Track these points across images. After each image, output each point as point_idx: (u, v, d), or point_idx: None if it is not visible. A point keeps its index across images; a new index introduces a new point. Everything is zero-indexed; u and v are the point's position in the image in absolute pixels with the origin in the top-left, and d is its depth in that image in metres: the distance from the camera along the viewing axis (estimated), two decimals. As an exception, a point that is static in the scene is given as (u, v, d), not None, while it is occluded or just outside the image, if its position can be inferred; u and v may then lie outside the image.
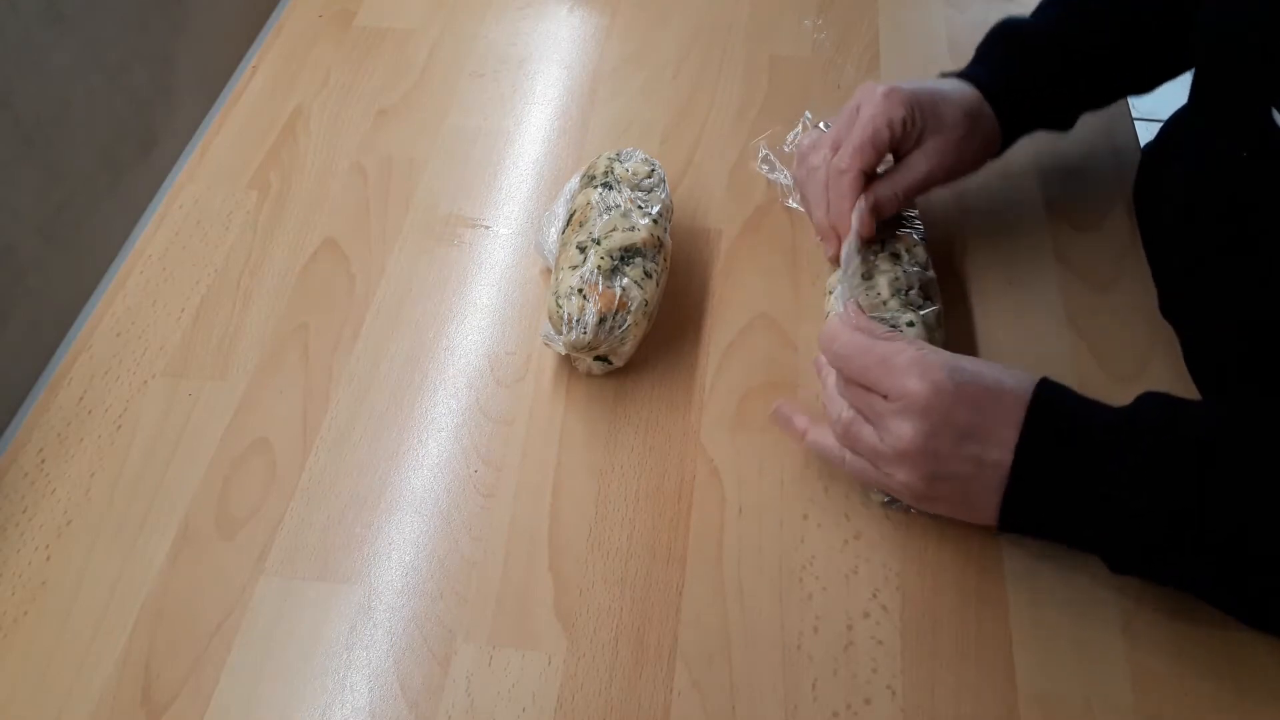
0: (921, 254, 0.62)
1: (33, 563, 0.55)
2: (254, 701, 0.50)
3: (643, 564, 0.54)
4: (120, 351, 0.64)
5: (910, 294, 0.59)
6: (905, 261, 0.60)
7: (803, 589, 0.53)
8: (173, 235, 0.71)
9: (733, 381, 0.61)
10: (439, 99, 0.79)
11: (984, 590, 0.52)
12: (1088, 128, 0.68)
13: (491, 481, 0.58)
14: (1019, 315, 0.64)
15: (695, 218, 0.70)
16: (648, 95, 0.79)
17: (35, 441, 0.60)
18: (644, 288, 0.59)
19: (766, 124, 0.76)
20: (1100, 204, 0.69)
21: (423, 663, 0.51)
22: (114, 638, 0.52)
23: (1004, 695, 0.49)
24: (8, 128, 0.64)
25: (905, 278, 0.59)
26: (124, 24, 0.74)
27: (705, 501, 0.56)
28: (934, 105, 0.61)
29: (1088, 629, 0.51)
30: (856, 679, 0.50)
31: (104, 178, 0.73)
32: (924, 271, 0.61)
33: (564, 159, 0.75)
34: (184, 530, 0.56)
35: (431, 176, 0.74)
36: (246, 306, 0.66)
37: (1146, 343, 0.62)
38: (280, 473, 0.58)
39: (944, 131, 0.61)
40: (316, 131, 0.77)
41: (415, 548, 0.55)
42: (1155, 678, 0.49)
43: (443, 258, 0.69)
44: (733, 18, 0.85)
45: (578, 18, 0.86)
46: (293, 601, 0.53)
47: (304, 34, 0.85)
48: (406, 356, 0.63)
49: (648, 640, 0.51)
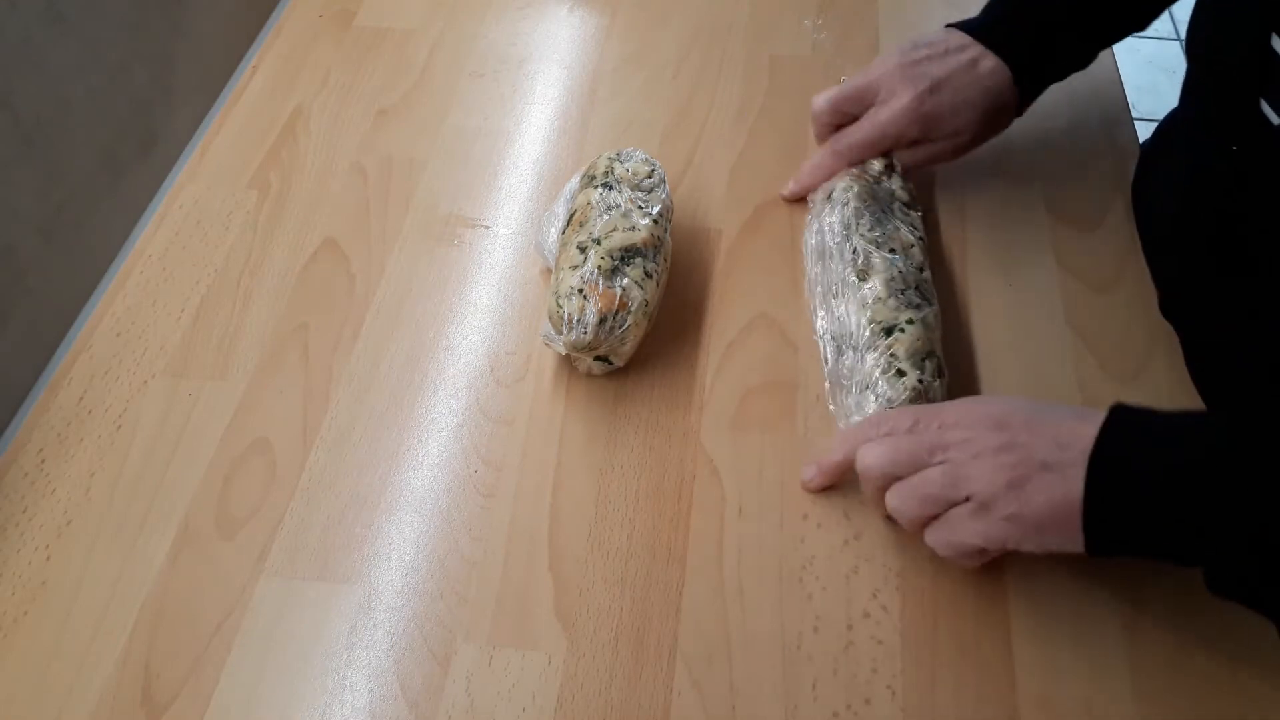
0: (918, 255, 0.62)
1: (33, 563, 0.55)
2: (254, 701, 0.50)
3: (643, 564, 0.54)
4: (120, 351, 0.64)
5: (907, 294, 0.58)
6: (902, 261, 0.60)
7: (803, 589, 0.53)
8: (173, 235, 0.71)
9: (733, 381, 0.61)
10: (439, 99, 0.79)
11: (984, 590, 0.52)
12: (1088, 128, 0.69)
13: (491, 481, 0.58)
14: (1019, 315, 0.63)
15: (695, 218, 0.70)
16: (648, 95, 0.79)
17: (35, 441, 0.60)
18: (644, 288, 0.59)
19: (766, 124, 0.76)
20: (1100, 204, 0.69)
21: (423, 663, 0.51)
22: (114, 638, 0.52)
23: (1004, 695, 0.49)
24: (8, 128, 0.64)
25: (902, 277, 0.59)
26: (124, 24, 0.74)
27: (705, 501, 0.56)
28: (951, 115, 0.63)
29: (1088, 629, 0.51)
30: (856, 679, 0.50)
31: (104, 178, 0.73)
32: (920, 273, 0.61)
33: (564, 159, 0.75)
34: (184, 530, 0.56)
35: (431, 176, 0.74)
36: (246, 306, 0.66)
37: (1146, 343, 0.62)
38: (280, 473, 0.58)
39: (952, 138, 0.64)
40: (316, 131, 0.77)
41: (415, 548, 0.55)
42: (1155, 678, 0.49)
43: (443, 258, 0.69)
44: (733, 18, 0.85)
45: (578, 18, 0.86)
46: (293, 601, 0.53)
47: (304, 34, 0.85)
48: (406, 356, 0.63)
49: (648, 640, 0.51)
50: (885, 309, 0.57)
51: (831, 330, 0.60)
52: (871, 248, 0.60)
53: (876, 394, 0.55)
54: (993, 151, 0.70)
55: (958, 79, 0.63)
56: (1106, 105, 0.75)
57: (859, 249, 0.60)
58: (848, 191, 0.63)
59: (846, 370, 0.57)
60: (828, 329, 0.60)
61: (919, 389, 0.55)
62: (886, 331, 0.56)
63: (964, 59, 0.63)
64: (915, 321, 0.57)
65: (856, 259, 0.60)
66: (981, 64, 0.63)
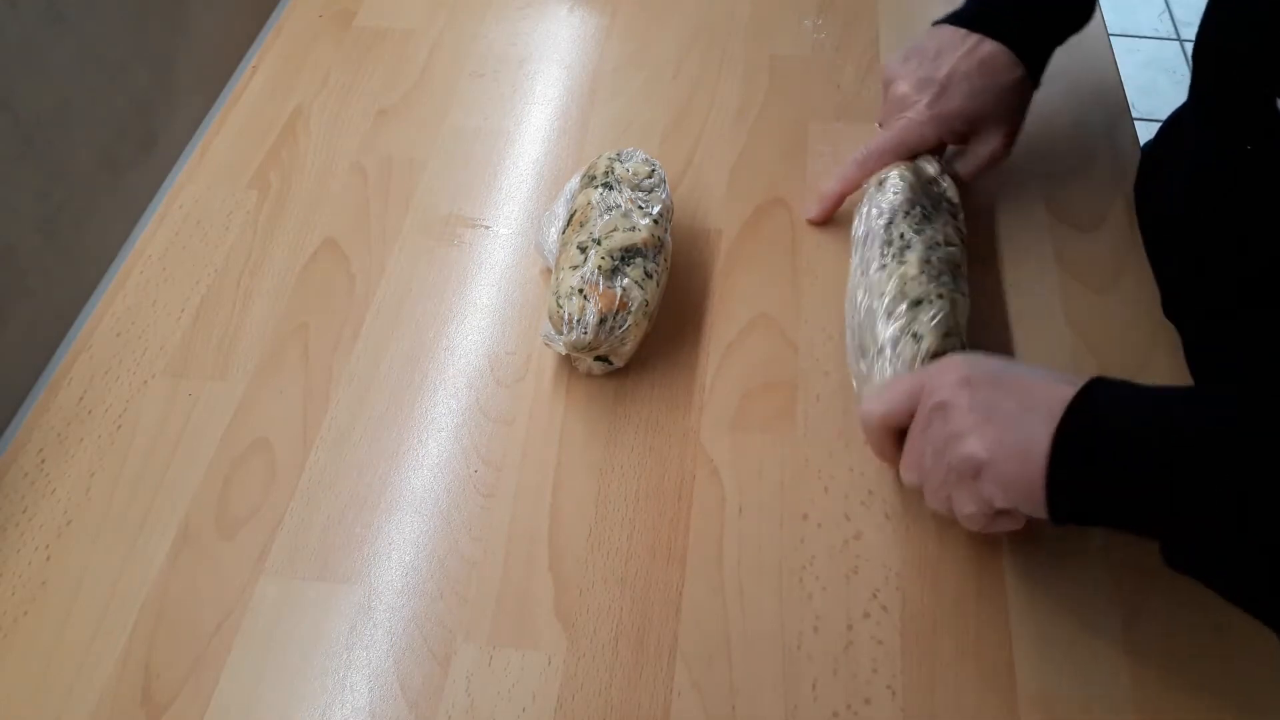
0: (958, 255, 0.61)
1: (33, 563, 0.55)
2: (254, 701, 0.50)
3: (643, 564, 0.54)
4: (120, 351, 0.64)
5: (942, 278, 0.58)
6: (943, 252, 0.59)
7: (803, 589, 0.53)
8: (173, 235, 0.71)
9: (733, 381, 0.61)
10: (439, 99, 0.79)
11: (984, 590, 0.52)
12: (1088, 128, 0.68)
13: (491, 481, 0.58)
14: (1019, 316, 0.63)
15: (695, 218, 0.70)
16: (648, 95, 0.79)
17: (35, 441, 0.60)
18: (644, 288, 0.59)
19: (766, 124, 0.76)
20: (1100, 204, 0.69)
21: (423, 663, 0.51)
22: (114, 638, 0.52)
23: (1004, 695, 0.49)
24: (8, 128, 0.64)
25: (940, 263, 0.59)
26: (124, 24, 0.74)
27: (705, 501, 0.56)
28: (967, 108, 0.64)
29: (1088, 629, 0.51)
30: (856, 679, 0.50)
31: (104, 178, 0.73)
32: (957, 267, 0.60)
33: (564, 159, 0.75)
34: (184, 530, 0.56)
35: (431, 176, 0.74)
36: (246, 306, 0.66)
37: (1146, 343, 0.62)
38: (280, 473, 0.58)
39: (983, 129, 0.65)
40: (316, 131, 0.77)
41: (415, 548, 0.55)
42: (1155, 678, 0.49)
43: (443, 258, 0.69)
44: (733, 18, 0.85)
45: (578, 18, 0.86)
46: (293, 601, 0.53)
47: (304, 34, 0.85)
48: (406, 356, 0.63)
49: (648, 640, 0.51)
50: (917, 284, 0.57)
51: (864, 303, 0.59)
52: (914, 235, 0.60)
53: (895, 353, 0.55)
54: (993, 151, 0.70)
55: (960, 72, 0.64)
56: (1106, 105, 0.75)
57: (904, 234, 0.60)
58: (902, 180, 0.63)
59: (872, 337, 0.57)
60: (861, 302, 0.59)
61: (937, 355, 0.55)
62: (915, 303, 0.56)
63: (961, 52, 0.64)
64: (945, 297, 0.56)
65: (896, 240, 0.60)
66: (979, 50, 0.64)
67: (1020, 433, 0.45)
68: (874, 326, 0.57)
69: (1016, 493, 0.46)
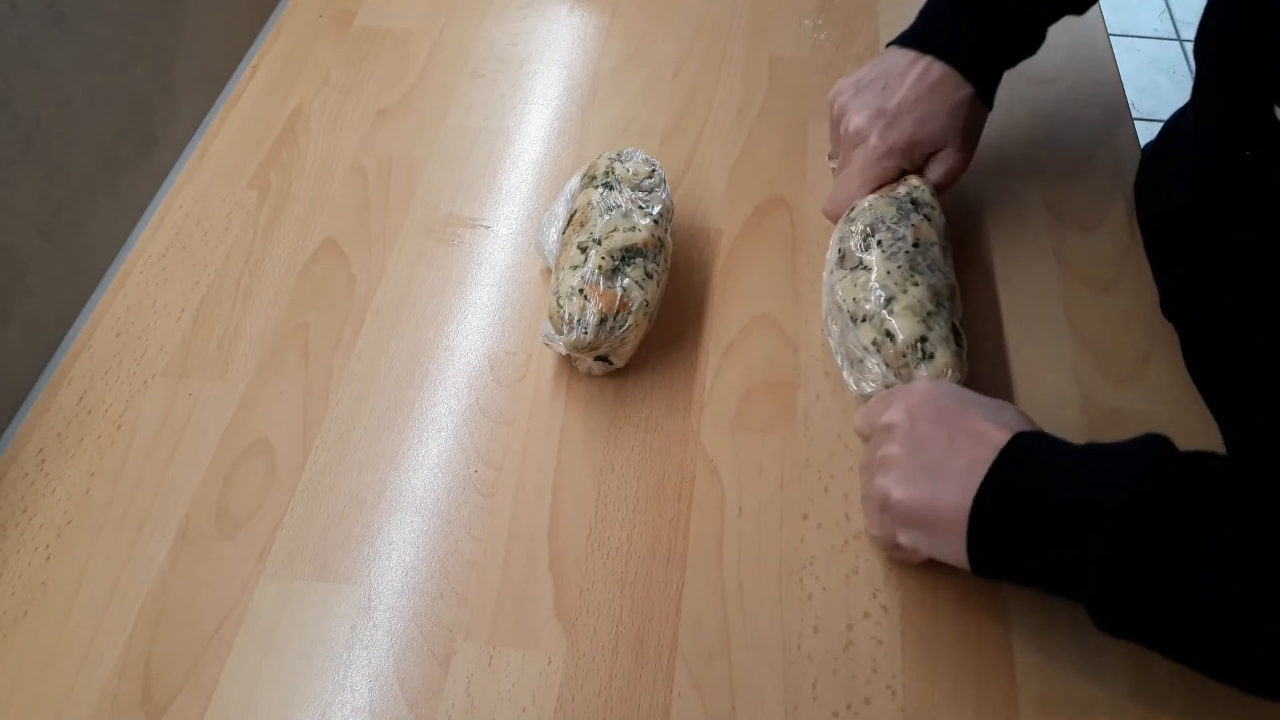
0: (937, 242, 0.61)
1: (33, 563, 0.55)
2: (254, 701, 0.50)
3: (643, 564, 0.54)
4: (120, 351, 0.64)
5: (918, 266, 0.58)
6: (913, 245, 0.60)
7: (803, 589, 0.53)
8: (173, 235, 0.71)
9: (733, 381, 0.61)
10: (439, 99, 0.80)
11: (984, 590, 0.52)
12: (1088, 128, 0.68)
13: (491, 481, 0.58)
14: (1019, 316, 0.64)
15: (695, 218, 0.70)
16: (648, 95, 0.79)
17: (35, 441, 0.60)
18: (645, 288, 0.59)
19: (766, 124, 0.76)
20: (1100, 204, 0.69)
21: (423, 663, 0.51)
22: (114, 638, 0.52)
23: (1004, 695, 0.49)
24: (8, 128, 0.64)
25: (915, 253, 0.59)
26: (124, 24, 0.74)
27: (705, 501, 0.56)
28: (921, 133, 0.63)
29: (1088, 629, 0.51)
30: (856, 679, 0.50)
31: (104, 178, 0.73)
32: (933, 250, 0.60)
33: (564, 159, 0.75)
34: (184, 530, 0.56)
35: (431, 176, 0.74)
36: (246, 306, 0.66)
37: (1146, 343, 0.62)
38: (280, 473, 0.58)
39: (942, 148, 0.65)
40: (316, 131, 0.77)
41: (415, 548, 0.55)
42: (1155, 678, 0.49)
43: (443, 258, 0.69)
44: (733, 18, 0.85)
45: (578, 18, 0.86)
46: (293, 601, 0.53)
47: (304, 34, 0.85)
48: (406, 356, 0.63)
49: (648, 640, 0.51)
50: (890, 280, 0.57)
51: (837, 327, 0.60)
52: (875, 245, 0.60)
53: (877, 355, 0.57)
54: (993, 151, 0.70)
55: (911, 98, 0.63)
56: (1106, 105, 0.75)
57: (866, 246, 0.60)
58: (868, 210, 0.63)
59: (853, 339, 0.58)
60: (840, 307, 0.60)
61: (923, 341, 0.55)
62: (888, 300, 0.57)
63: (911, 77, 0.64)
64: (919, 285, 0.57)
65: (858, 253, 0.60)
66: (929, 74, 0.64)
67: (934, 480, 0.47)
68: (853, 337, 0.58)
69: (918, 533, 0.48)
